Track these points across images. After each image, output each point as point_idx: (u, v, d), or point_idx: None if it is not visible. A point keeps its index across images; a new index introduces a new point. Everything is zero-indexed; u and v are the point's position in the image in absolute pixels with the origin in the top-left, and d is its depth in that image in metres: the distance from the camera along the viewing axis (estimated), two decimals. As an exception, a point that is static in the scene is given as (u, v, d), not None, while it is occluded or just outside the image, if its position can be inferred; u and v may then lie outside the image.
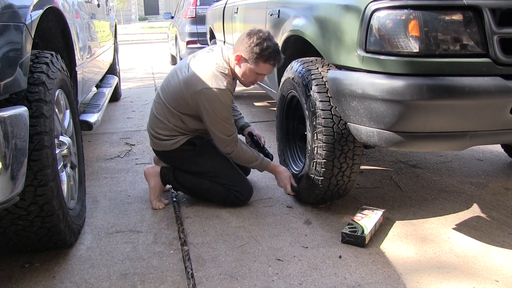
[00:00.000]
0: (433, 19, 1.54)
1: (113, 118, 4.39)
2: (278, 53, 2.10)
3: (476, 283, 1.63)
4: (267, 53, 2.05)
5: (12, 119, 1.32)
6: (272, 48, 2.06)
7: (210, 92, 2.07)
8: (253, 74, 2.13)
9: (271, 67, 2.12)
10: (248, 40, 2.06)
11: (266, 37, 2.07)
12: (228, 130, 2.16)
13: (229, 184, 2.23)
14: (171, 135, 2.22)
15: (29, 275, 1.71)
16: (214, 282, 1.65)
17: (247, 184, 2.31)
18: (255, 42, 2.05)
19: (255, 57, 2.06)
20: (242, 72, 2.13)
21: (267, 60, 2.08)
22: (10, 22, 1.38)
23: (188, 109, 2.16)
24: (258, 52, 2.05)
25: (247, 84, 2.23)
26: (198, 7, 6.69)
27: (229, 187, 2.23)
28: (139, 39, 19.33)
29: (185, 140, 2.23)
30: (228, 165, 2.29)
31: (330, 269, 1.72)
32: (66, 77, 1.96)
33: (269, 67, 2.11)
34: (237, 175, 2.28)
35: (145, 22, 32.91)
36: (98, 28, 3.53)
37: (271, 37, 2.10)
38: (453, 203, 2.30)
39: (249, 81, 2.19)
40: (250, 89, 5.68)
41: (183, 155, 2.25)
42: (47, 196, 1.55)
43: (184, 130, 2.23)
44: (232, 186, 2.23)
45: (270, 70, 2.14)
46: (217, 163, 2.26)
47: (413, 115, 1.59)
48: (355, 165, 2.01)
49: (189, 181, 2.29)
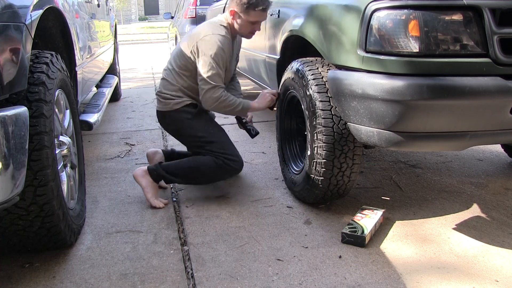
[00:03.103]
0: (433, 19, 1.54)
1: (113, 118, 4.39)
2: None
3: (476, 283, 1.63)
4: (255, 1, 2.23)
5: (12, 119, 1.32)
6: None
7: (210, 37, 2.27)
8: (249, 24, 2.31)
9: (263, 13, 2.28)
10: None
11: None
12: (218, 78, 2.27)
13: (221, 152, 2.30)
14: (177, 95, 2.39)
15: (29, 275, 1.71)
16: (214, 282, 1.65)
17: (239, 155, 2.38)
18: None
19: (245, 7, 2.25)
20: (239, 26, 2.33)
21: (257, 7, 2.25)
22: (10, 22, 1.38)
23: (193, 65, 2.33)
24: (246, 2, 2.23)
25: (248, 36, 2.40)
26: (198, 7, 6.69)
27: (221, 154, 2.29)
28: (139, 39, 19.31)
29: (188, 102, 2.39)
30: (222, 134, 2.42)
31: (330, 269, 1.72)
32: (66, 77, 1.96)
33: (260, 13, 2.27)
34: (230, 144, 2.38)
35: (145, 22, 32.92)
36: (98, 28, 3.53)
37: None
38: (453, 203, 2.30)
39: (247, 32, 2.36)
40: (250, 89, 5.68)
41: (182, 117, 2.38)
42: (47, 196, 1.55)
43: (189, 91, 2.39)
44: (224, 153, 2.30)
45: (263, 16, 2.31)
46: (212, 129, 2.39)
47: (413, 115, 1.59)
48: (355, 165, 2.01)
49: (179, 167, 2.33)
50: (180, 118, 2.39)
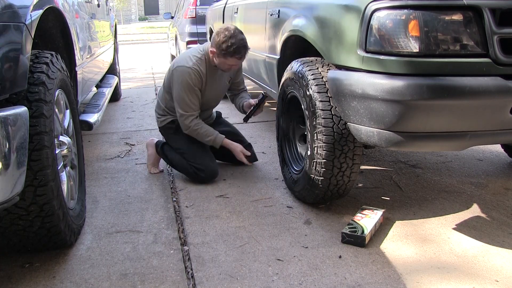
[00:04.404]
0: (433, 19, 1.54)
1: (113, 118, 4.39)
2: (243, 48, 2.46)
3: (476, 283, 1.63)
4: (232, 49, 2.42)
5: (12, 119, 1.32)
6: (236, 45, 2.42)
7: (180, 69, 2.54)
8: (226, 64, 2.53)
9: (238, 60, 2.50)
10: (217, 38, 2.46)
11: (231, 34, 2.42)
12: (186, 105, 2.57)
13: (192, 162, 2.62)
14: (162, 114, 2.78)
15: (29, 275, 1.71)
16: (214, 282, 1.65)
17: (210, 166, 2.62)
18: (221, 40, 2.43)
19: (223, 53, 2.45)
20: (217, 62, 2.54)
21: (233, 55, 2.46)
22: (10, 22, 1.38)
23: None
24: (224, 49, 2.43)
25: (225, 70, 2.62)
26: (198, 7, 6.69)
27: (192, 164, 2.61)
28: (139, 39, 19.31)
29: (170, 120, 2.74)
30: (196, 147, 2.67)
31: (330, 269, 1.72)
32: (66, 77, 1.96)
33: (236, 60, 2.49)
34: (202, 156, 2.64)
35: (145, 22, 32.91)
36: (98, 28, 3.53)
37: (236, 33, 2.44)
38: (453, 203, 2.30)
39: (224, 68, 2.58)
40: (250, 88, 5.67)
41: (167, 132, 2.79)
42: (47, 196, 1.55)
43: (170, 111, 2.72)
44: (194, 164, 2.61)
45: (238, 62, 2.53)
46: (186, 143, 2.69)
47: (413, 115, 1.59)
48: (355, 165, 2.01)
49: (170, 153, 2.75)
50: (166, 133, 2.80)
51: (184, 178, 2.70)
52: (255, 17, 3.28)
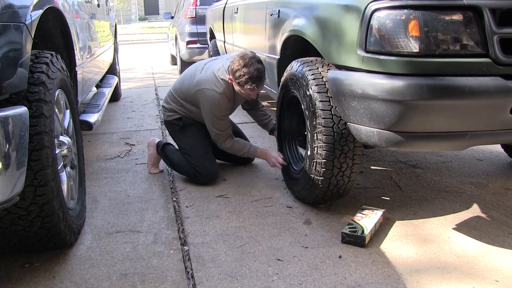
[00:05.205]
0: (433, 19, 1.54)
1: (113, 118, 4.39)
2: (258, 78, 2.37)
3: (476, 283, 1.63)
4: (244, 79, 2.36)
5: (12, 119, 1.32)
6: (249, 75, 2.35)
7: (210, 93, 2.49)
8: (243, 93, 2.47)
9: (255, 89, 2.42)
10: (232, 65, 2.41)
11: (245, 63, 2.35)
12: (220, 125, 2.56)
13: (193, 163, 2.61)
14: (169, 110, 2.79)
15: (29, 275, 1.71)
16: (214, 282, 1.65)
17: (210, 169, 2.62)
18: (235, 69, 2.38)
19: (238, 82, 2.40)
20: (237, 89, 2.49)
21: (247, 84, 2.38)
22: (10, 22, 1.38)
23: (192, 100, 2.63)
24: (237, 77, 2.38)
25: (245, 97, 2.58)
26: (198, 7, 6.69)
27: (193, 165, 2.61)
28: (139, 39, 19.31)
29: (177, 117, 2.75)
30: (199, 148, 2.67)
31: (330, 269, 1.72)
32: (66, 77, 1.96)
33: (252, 89, 2.41)
34: (203, 159, 2.63)
35: (145, 22, 32.91)
36: (98, 28, 3.53)
37: (251, 62, 2.35)
38: (453, 203, 2.30)
39: (244, 96, 2.52)
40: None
41: (172, 128, 2.81)
42: (47, 196, 1.55)
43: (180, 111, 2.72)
44: (195, 165, 2.60)
45: (255, 91, 2.44)
46: (190, 144, 2.69)
47: (413, 115, 1.59)
48: (355, 165, 2.01)
49: (170, 154, 2.76)
50: (172, 129, 2.82)
51: (184, 178, 2.70)
52: (255, 17, 3.28)
